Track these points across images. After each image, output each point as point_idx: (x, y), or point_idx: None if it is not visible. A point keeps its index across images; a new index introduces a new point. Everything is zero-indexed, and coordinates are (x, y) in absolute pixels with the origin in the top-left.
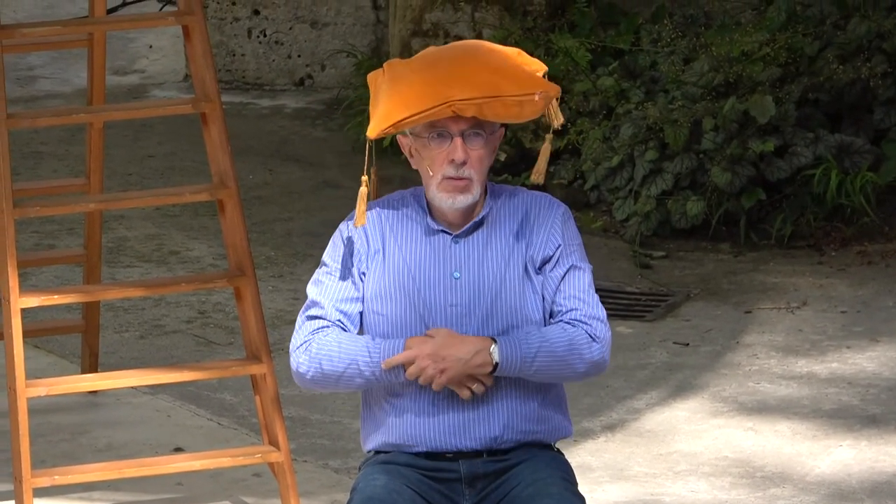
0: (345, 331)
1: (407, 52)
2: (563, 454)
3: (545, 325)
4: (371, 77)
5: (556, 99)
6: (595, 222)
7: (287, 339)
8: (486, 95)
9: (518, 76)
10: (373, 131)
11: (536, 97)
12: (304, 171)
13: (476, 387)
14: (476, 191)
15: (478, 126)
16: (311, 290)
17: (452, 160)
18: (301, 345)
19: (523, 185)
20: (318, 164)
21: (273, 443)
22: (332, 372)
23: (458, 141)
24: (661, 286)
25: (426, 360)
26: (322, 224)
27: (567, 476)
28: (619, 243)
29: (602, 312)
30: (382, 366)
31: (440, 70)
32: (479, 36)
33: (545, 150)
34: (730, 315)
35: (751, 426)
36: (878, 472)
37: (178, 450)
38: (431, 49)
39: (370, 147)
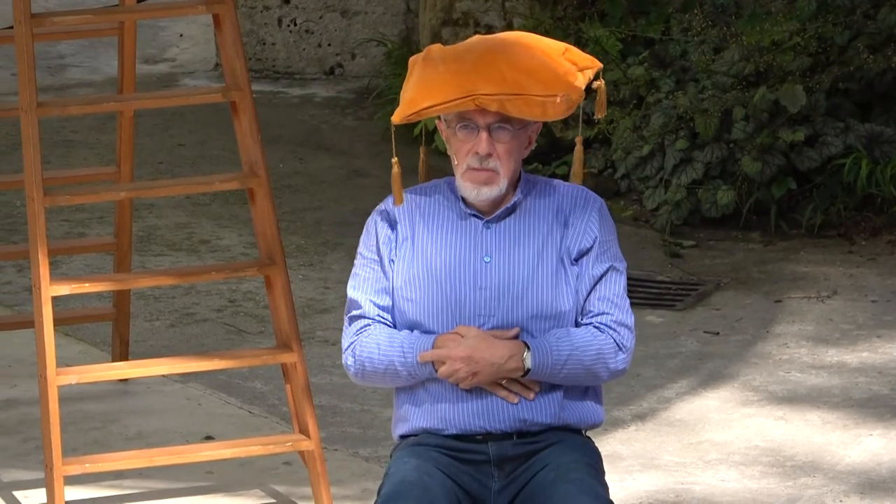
0: (387, 325)
1: (437, 41)
2: (592, 441)
3: (574, 319)
4: (411, 60)
5: (601, 90)
6: (625, 211)
7: (317, 327)
8: (509, 92)
9: (545, 76)
10: (396, 116)
11: (558, 99)
12: (334, 160)
13: (526, 393)
14: (502, 183)
15: (504, 120)
16: (350, 286)
17: (476, 152)
18: (347, 347)
19: (553, 174)
20: (349, 153)
21: (303, 431)
22: (375, 372)
23: (484, 134)
24: (691, 275)
25: (459, 362)
26: (352, 213)
27: (592, 462)
28: (650, 232)
29: (631, 319)
30: (418, 359)
31: (467, 63)
32: (509, 25)
33: (578, 151)
34: (760, 304)
35: (781, 415)
36: None
37: (209, 438)
38: (474, 38)
39: (394, 131)
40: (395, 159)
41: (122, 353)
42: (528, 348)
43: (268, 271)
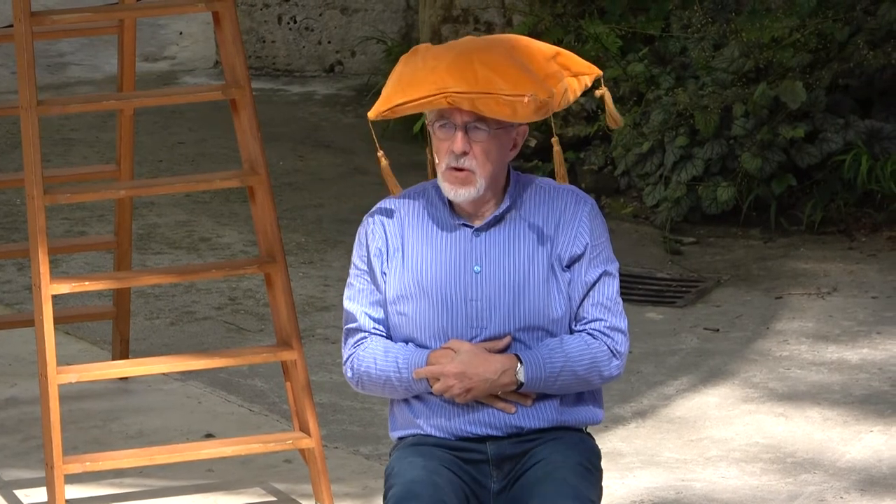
0: (383, 336)
1: (437, 38)
2: (592, 437)
3: (567, 326)
4: (402, 58)
5: (606, 97)
6: (625, 208)
7: (318, 325)
8: (479, 91)
9: (515, 76)
10: (372, 112)
11: (525, 99)
12: (334, 158)
13: (523, 400)
14: (479, 184)
15: (480, 120)
16: (346, 297)
17: (452, 150)
18: (346, 360)
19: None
20: (349, 150)
21: (304, 429)
22: (373, 385)
23: (459, 133)
24: (691, 272)
25: (452, 379)
26: (352, 210)
27: (585, 461)
28: (650, 229)
29: (625, 322)
30: (413, 375)
31: (444, 61)
32: (508, 22)
33: (557, 153)
34: (760, 301)
35: (781, 412)
36: None
37: (209, 436)
38: (465, 38)
39: (372, 126)
40: (380, 152)
41: (122, 351)
42: (521, 362)
43: (268, 269)
